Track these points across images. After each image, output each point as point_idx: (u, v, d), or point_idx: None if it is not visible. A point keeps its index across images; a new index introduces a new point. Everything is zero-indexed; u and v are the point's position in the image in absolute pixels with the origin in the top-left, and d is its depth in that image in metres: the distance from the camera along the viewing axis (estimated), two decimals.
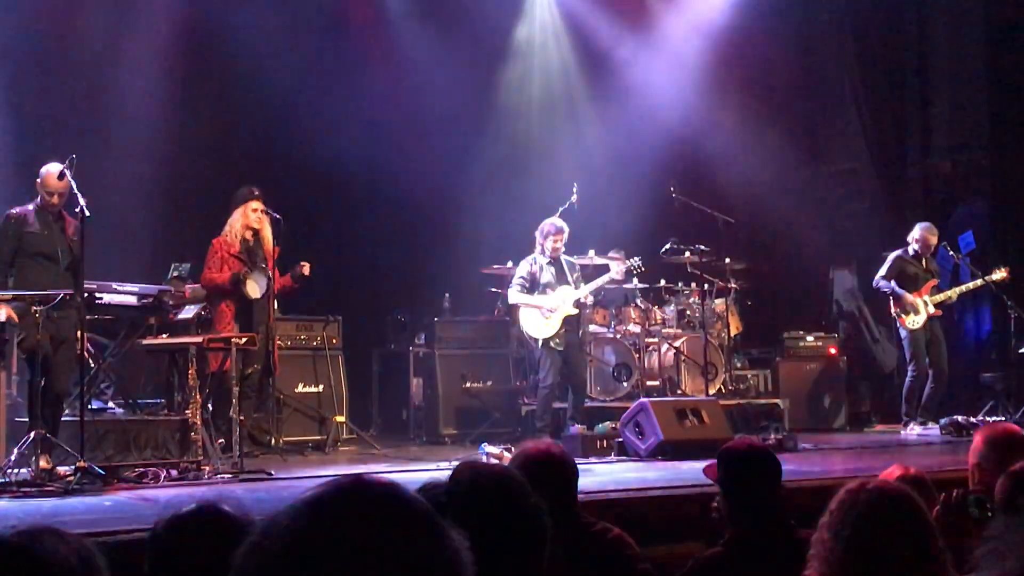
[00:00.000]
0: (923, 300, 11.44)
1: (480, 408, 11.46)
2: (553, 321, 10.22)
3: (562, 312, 10.23)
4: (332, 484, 1.44)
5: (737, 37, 13.96)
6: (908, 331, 11.54)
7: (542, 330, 10.26)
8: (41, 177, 8.12)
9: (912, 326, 11.50)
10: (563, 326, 10.25)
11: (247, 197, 9.63)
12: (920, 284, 11.49)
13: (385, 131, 13.05)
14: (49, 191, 8.06)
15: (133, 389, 9.99)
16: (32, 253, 8.05)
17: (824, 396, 12.42)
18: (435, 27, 13.37)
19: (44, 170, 8.14)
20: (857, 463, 8.89)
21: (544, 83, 14.58)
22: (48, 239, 8.06)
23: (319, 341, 10.97)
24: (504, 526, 2.44)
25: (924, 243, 11.58)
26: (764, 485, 4.06)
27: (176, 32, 11.86)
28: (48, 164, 8.16)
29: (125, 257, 10.62)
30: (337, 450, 10.52)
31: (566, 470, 3.97)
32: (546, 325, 10.24)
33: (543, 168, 13.66)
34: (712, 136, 13.81)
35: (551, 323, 10.23)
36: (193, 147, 11.98)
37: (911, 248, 11.64)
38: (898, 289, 11.48)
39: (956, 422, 10.90)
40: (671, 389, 11.67)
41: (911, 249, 11.64)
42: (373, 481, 1.44)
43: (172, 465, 7.96)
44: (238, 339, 8.65)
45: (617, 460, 9.10)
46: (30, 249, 8.06)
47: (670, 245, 11.78)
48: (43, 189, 8.10)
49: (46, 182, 8.06)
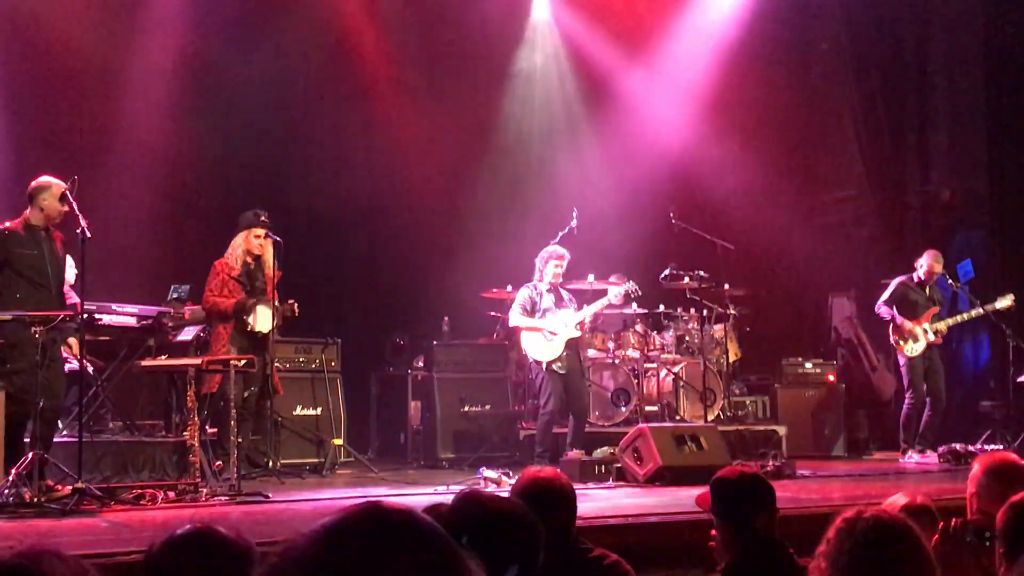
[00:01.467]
0: (923, 328, 11.44)
1: (478, 432, 11.45)
2: (556, 344, 10.21)
3: (564, 335, 10.22)
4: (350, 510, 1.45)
5: (737, 64, 14.01)
6: (906, 358, 11.54)
7: (545, 353, 10.24)
8: (40, 193, 7.88)
9: (910, 354, 11.49)
10: (566, 349, 10.25)
11: (252, 222, 9.63)
12: (921, 312, 11.49)
13: (385, 156, 13.11)
14: (47, 211, 7.86)
15: (131, 410, 9.98)
16: (20, 270, 7.82)
17: (822, 423, 12.41)
18: (436, 53, 13.43)
19: (42, 185, 7.92)
20: (855, 491, 8.87)
21: (544, 108, 14.63)
22: (39, 257, 7.87)
23: (318, 364, 10.96)
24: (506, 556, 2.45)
25: (930, 270, 11.58)
26: (758, 511, 4.06)
27: (180, 55, 11.92)
28: (44, 178, 7.95)
29: (125, 278, 10.63)
30: (335, 473, 10.50)
31: (565, 496, 3.97)
32: (549, 348, 10.23)
33: (543, 193, 13.69)
34: (711, 162, 13.84)
35: (554, 346, 10.22)
36: (194, 169, 12.02)
37: (916, 275, 11.64)
38: (898, 316, 11.48)
39: (954, 450, 10.89)
40: (670, 415, 11.66)
41: (916, 276, 11.64)
42: (391, 508, 1.45)
43: (170, 487, 7.95)
44: (236, 361, 8.65)
45: (615, 485, 9.09)
46: (18, 265, 7.82)
47: (669, 271, 11.79)
48: (42, 206, 7.87)
49: (47, 202, 7.84)
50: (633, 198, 13.47)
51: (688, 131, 13.99)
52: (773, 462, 9.78)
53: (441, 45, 13.46)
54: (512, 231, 12.95)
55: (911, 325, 11.45)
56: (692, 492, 7.82)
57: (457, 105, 13.40)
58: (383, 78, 13.36)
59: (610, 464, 9.42)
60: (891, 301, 11.58)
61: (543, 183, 13.97)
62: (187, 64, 11.96)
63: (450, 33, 13.46)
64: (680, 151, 13.80)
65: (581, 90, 14.54)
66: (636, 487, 8.95)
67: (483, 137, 13.96)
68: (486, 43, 13.84)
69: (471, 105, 13.68)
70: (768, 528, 4.05)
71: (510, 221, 13.26)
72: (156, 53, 11.84)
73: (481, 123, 13.93)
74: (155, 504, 7.45)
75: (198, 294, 9.75)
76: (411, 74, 13.49)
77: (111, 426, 9.73)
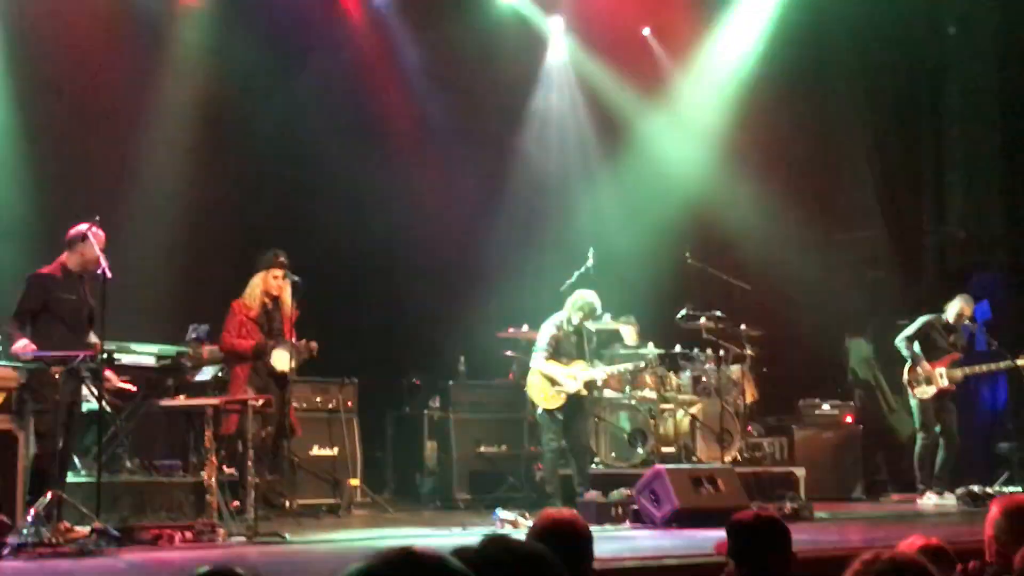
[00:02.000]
0: (938, 372, 11.42)
1: (494, 473, 11.43)
2: (559, 396, 10.22)
3: (572, 389, 10.22)
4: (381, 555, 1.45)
5: (753, 104, 14.06)
6: (917, 400, 11.54)
7: (546, 401, 10.27)
8: (82, 241, 8.04)
9: (922, 396, 11.50)
10: (568, 399, 10.26)
11: (270, 262, 9.63)
12: (940, 355, 11.47)
13: (402, 196, 13.16)
14: (87, 257, 8.00)
15: (149, 450, 10.00)
16: (60, 314, 8.01)
17: (840, 465, 12.35)
18: (453, 95, 13.51)
19: (83, 232, 8.07)
20: (874, 533, 8.84)
21: (560, 148, 14.69)
22: (77, 302, 8.03)
23: (334, 404, 10.96)
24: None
25: (960, 314, 11.55)
26: (774, 553, 4.05)
27: (199, 97, 12.01)
28: (85, 226, 8.10)
29: (144, 318, 10.67)
30: (351, 514, 10.49)
31: (582, 538, 3.96)
32: (551, 397, 10.24)
33: (559, 232, 13.73)
34: (727, 202, 13.87)
35: (557, 398, 10.22)
36: (213, 209, 12.08)
37: (945, 316, 11.60)
38: (919, 355, 11.45)
39: (972, 492, 10.84)
40: (686, 456, 11.63)
41: (945, 317, 11.60)
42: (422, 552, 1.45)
43: (187, 527, 7.95)
44: (254, 401, 8.67)
45: (632, 527, 9.07)
46: (57, 309, 8.02)
47: (685, 311, 11.79)
48: (83, 252, 8.03)
49: (87, 250, 7.99)
50: (649, 238, 13.48)
51: (703, 171, 14.03)
52: (791, 504, 9.74)
53: (458, 88, 13.53)
54: (528, 271, 12.98)
55: (928, 368, 11.42)
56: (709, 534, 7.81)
57: (474, 146, 13.47)
58: (399, 119, 13.44)
59: (627, 506, 9.41)
60: (914, 338, 11.54)
61: (559, 223, 14.01)
62: (206, 106, 12.04)
63: (467, 75, 13.54)
64: (695, 191, 13.84)
65: (597, 130, 14.60)
66: (653, 529, 8.93)
67: (499, 177, 14.01)
68: (502, 85, 13.93)
69: (488, 146, 13.75)
70: (783, 570, 4.04)
71: (526, 261, 13.30)
72: (175, 94, 11.92)
73: (497, 163, 13.99)
74: (172, 544, 7.47)
75: (216, 334, 9.78)
76: (428, 116, 13.57)
77: (129, 466, 9.74)
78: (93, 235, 8.02)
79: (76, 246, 8.10)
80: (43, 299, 8.01)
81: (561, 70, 14.75)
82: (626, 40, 14.43)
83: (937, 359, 11.47)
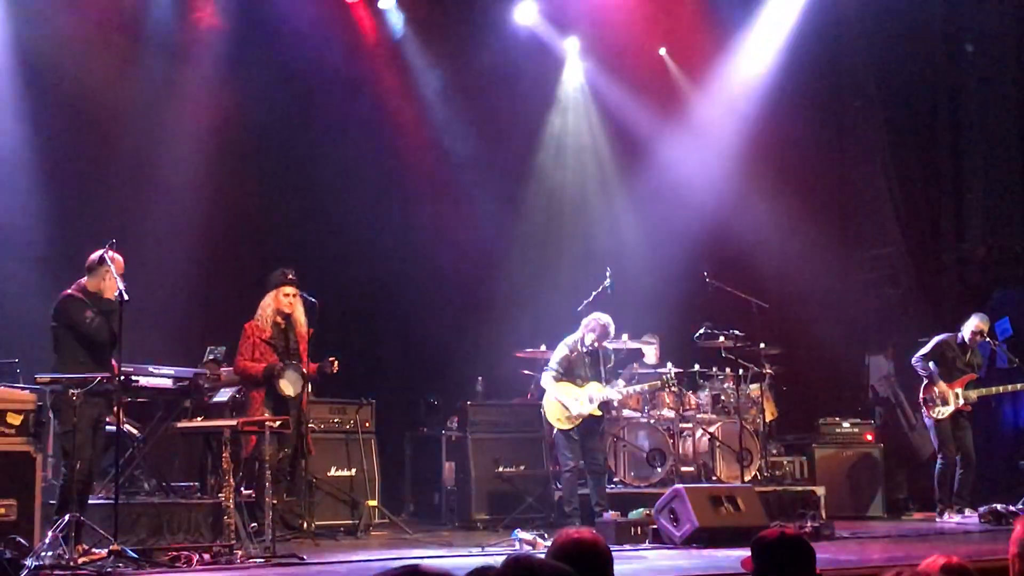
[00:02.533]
0: (955, 393, 11.38)
1: (513, 493, 11.39)
2: (574, 418, 10.17)
3: (586, 411, 10.17)
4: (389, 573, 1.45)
5: (770, 123, 14.06)
6: (933, 420, 11.50)
7: (561, 422, 10.22)
8: (103, 265, 8.03)
9: (937, 416, 11.47)
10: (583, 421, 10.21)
11: (279, 281, 9.60)
12: (956, 376, 11.44)
13: (419, 216, 13.19)
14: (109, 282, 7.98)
15: (167, 472, 10.00)
16: (84, 336, 8.01)
17: (861, 483, 12.28)
18: (470, 115, 13.54)
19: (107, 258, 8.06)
20: (895, 551, 8.76)
21: (577, 168, 14.71)
22: (101, 324, 8.05)
23: (352, 424, 10.95)
24: None
25: (976, 333, 11.50)
26: (799, 572, 4.02)
27: (214, 117, 12.06)
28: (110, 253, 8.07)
29: (161, 340, 10.69)
30: (369, 534, 10.46)
31: (602, 558, 3.93)
32: (566, 419, 10.19)
33: (576, 252, 13.73)
34: (745, 220, 13.85)
35: (572, 419, 10.17)
36: (229, 230, 12.12)
37: (961, 336, 11.56)
38: (936, 375, 11.41)
39: (995, 510, 10.76)
40: (706, 475, 11.59)
41: (960, 336, 11.56)
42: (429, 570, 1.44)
43: (205, 549, 7.93)
44: (272, 423, 8.65)
45: (652, 547, 9.02)
46: (82, 331, 8.00)
47: (704, 330, 11.76)
48: (105, 277, 8.03)
49: (109, 275, 7.97)
50: (667, 257, 13.47)
51: (721, 189, 14.02)
52: (811, 523, 9.68)
53: (474, 111, 13.55)
54: (546, 291, 12.98)
55: (944, 387, 11.39)
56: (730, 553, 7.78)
57: (491, 166, 13.50)
58: (416, 139, 13.47)
59: (646, 525, 9.36)
60: (930, 357, 11.51)
61: (577, 242, 14.02)
62: (222, 128, 12.09)
63: (483, 98, 13.55)
64: (713, 210, 13.82)
65: (614, 150, 14.62)
66: (673, 549, 8.87)
67: (517, 198, 14.04)
68: (519, 107, 13.95)
69: (505, 167, 13.77)
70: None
71: (544, 281, 13.30)
72: (191, 117, 11.98)
73: (515, 185, 14.01)
74: (191, 566, 7.44)
75: (234, 355, 9.78)
76: (445, 139, 13.60)
77: (147, 488, 9.75)
78: (111, 259, 8.03)
79: (96, 271, 8.13)
80: (68, 321, 8.02)
81: (577, 91, 14.79)
82: (642, 60, 14.46)
83: (953, 379, 11.42)
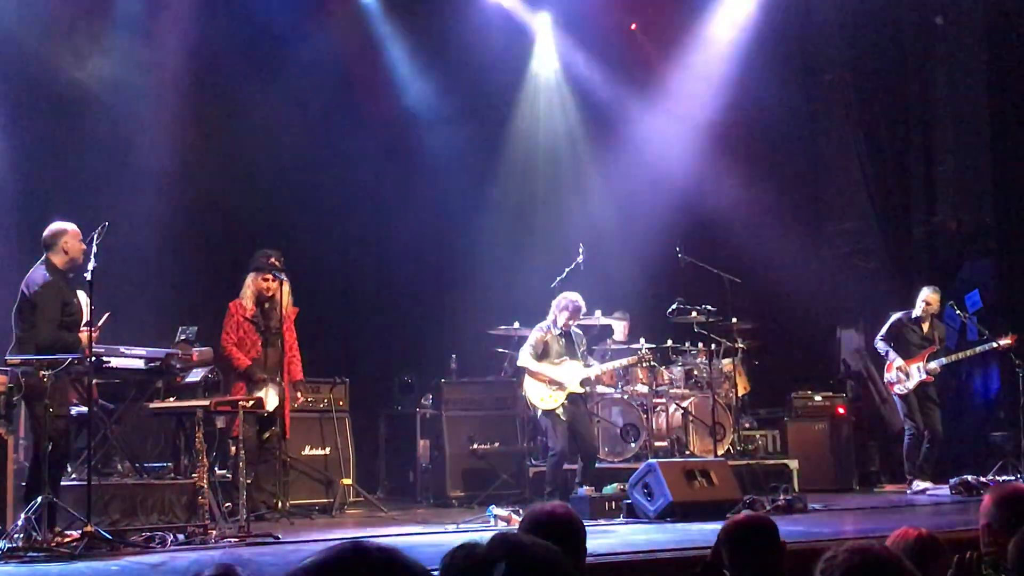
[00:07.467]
0: (916, 367, 11.54)
1: (488, 470, 11.40)
2: (557, 395, 10.17)
3: (568, 390, 10.18)
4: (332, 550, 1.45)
5: (741, 97, 14.07)
6: (898, 395, 11.67)
7: (545, 401, 10.20)
8: (61, 237, 7.90)
9: (900, 391, 11.65)
10: (567, 399, 10.21)
11: (260, 265, 9.69)
12: (915, 352, 11.64)
13: (391, 194, 13.14)
14: (72, 252, 7.86)
15: (140, 453, 9.95)
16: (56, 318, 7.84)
17: (833, 456, 12.36)
18: (441, 89, 13.49)
19: (60, 229, 7.92)
20: (867, 523, 8.84)
21: (549, 144, 14.67)
22: (73, 306, 7.93)
23: (326, 403, 10.94)
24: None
25: (926, 305, 11.66)
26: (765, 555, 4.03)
27: (189, 95, 11.96)
28: (59, 223, 7.96)
29: (132, 320, 10.62)
30: (344, 513, 10.47)
31: (574, 532, 3.94)
32: (550, 398, 10.18)
33: (549, 229, 13.72)
34: (717, 196, 13.87)
35: (556, 397, 10.17)
36: (201, 210, 12.03)
37: (915, 312, 11.70)
38: (892, 353, 11.59)
39: (966, 482, 10.87)
40: (679, 450, 11.63)
41: (914, 313, 11.70)
42: (372, 546, 1.44)
43: (179, 529, 7.92)
44: (245, 402, 8.63)
45: (626, 522, 9.06)
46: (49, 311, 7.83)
47: (676, 305, 11.78)
48: (66, 249, 7.88)
49: (69, 244, 7.85)
50: (639, 233, 13.49)
51: (693, 165, 14.03)
52: (784, 496, 9.73)
53: (445, 88, 13.51)
54: (518, 268, 12.96)
55: (904, 364, 11.56)
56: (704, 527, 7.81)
57: (462, 142, 13.44)
58: (386, 115, 13.41)
59: (620, 500, 9.39)
60: (888, 338, 11.71)
61: (549, 219, 14.01)
62: (196, 105, 12.00)
63: (453, 74, 13.50)
64: (685, 185, 13.84)
65: (585, 126, 14.58)
66: (647, 523, 8.91)
67: (489, 175, 14.00)
68: (490, 83, 13.90)
69: (476, 142, 13.72)
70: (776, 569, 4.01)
71: (516, 258, 13.28)
72: (164, 94, 11.88)
73: (485, 159, 13.97)
74: (165, 546, 7.42)
75: (206, 335, 9.75)
76: (416, 116, 13.55)
77: (120, 469, 9.70)
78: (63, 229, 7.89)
79: (58, 244, 7.92)
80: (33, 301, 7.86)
81: (549, 67, 14.73)
82: (613, 36, 14.43)
83: (912, 355, 11.60)
